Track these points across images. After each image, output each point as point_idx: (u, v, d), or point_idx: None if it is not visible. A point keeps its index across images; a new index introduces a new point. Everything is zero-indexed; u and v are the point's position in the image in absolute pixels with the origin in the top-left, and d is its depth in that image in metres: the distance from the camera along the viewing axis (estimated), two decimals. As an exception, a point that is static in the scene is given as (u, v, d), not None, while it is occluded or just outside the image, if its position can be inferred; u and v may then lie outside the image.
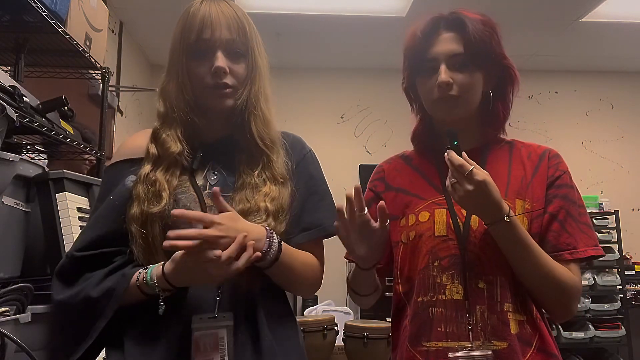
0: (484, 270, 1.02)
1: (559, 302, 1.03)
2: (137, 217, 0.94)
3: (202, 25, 0.97)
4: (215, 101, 0.99)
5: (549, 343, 1.02)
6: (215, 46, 0.97)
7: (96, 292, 0.91)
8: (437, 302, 1.03)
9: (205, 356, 0.88)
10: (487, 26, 1.07)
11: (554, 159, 1.10)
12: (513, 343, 0.98)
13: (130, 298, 0.91)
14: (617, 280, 3.99)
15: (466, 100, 1.08)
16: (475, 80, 1.07)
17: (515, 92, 1.13)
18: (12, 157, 1.22)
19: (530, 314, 1.02)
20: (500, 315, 1.00)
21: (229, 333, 0.90)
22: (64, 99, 1.65)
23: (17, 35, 1.80)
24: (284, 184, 1.01)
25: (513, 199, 1.05)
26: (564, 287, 1.00)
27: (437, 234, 1.06)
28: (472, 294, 1.01)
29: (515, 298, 1.02)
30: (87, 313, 0.91)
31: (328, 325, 2.87)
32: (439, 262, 1.05)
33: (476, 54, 1.06)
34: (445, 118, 1.11)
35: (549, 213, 1.05)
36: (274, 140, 1.03)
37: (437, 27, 1.09)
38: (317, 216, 1.04)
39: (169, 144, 0.98)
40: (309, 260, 1.02)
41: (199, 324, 0.90)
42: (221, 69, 0.96)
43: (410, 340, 1.06)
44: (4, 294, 1.10)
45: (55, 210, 1.31)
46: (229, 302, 0.92)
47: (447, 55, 1.06)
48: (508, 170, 1.09)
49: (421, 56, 1.09)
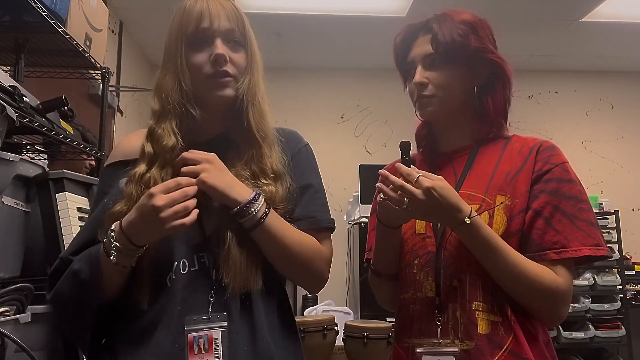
0: (457, 268, 1.01)
1: (543, 306, 0.98)
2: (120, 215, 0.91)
3: (200, 16, 0.96)
4: (215, 91, 0.97)
5: (522, 347, 0.96)
6: (214, 35, 0.96)
7: (77, 265, 0.92)
8: (417, 299, 1.05)
9: (199, 358, 0.88)
10: (464, 24, 1.07)
11: (545, 151, 1.05)
12: (480, 343, 0.97)
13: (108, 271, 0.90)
14: (617, 280, 3.99)
15: (443, 98, 1.08)
16: (451, 77, 1.08)
17: (508, 86, 1.11)
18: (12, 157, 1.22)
19: (505, 316, 0.98)
20: (469, 314, 0.99)
21: (224, 334, 0.89)
22: (64, 99, 1.65)
23: (17, 35, 1.80)
24: (275, 178, 0.98)
25: (494, 195, 1.03)
26: (545, 290, 0.95)
27: (417, 231, 1.08)
28: (445, 292, 1.01)
29: (490, 298, 0.99)
30: (76, 286, 0.91)
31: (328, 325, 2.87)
32: (418, 260, 1.06)
33: (446, 51, 1.06)
34: (427, 118, 1.14)
35: (533, 209, 1.00)
36: (267, 133, 1.01)
37: (416, 32, 1.13)
38: (310, 208, 1.02)
39: (163, 137, 0.96)
40: (311, 244, 0.99)
41: (192, 325, 0.89)
42: (221, 56, 0.95)
43: (395, 336, 1.11)
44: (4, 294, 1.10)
45: (55, 210, 1.31)
46: (224, 303, 0.91)
47: (422, 57, 1.09)
48: (495, 166, 1.08)
49: (403, 61, 1.15)
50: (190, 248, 0.94)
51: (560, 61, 4.89)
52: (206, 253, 0.94)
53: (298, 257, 0.97)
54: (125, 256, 0.88)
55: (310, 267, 0.99)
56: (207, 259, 0.94)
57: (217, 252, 0.93)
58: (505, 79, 1.11)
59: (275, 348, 0.93)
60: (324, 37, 4.34)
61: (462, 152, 1.13)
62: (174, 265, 0.92)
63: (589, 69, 5.07)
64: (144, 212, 0.85)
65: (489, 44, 1.10)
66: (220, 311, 0.91)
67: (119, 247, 0.87)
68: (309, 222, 1.01)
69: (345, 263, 4.38)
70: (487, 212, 1.02)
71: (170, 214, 0.84)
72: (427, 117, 1.13)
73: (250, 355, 0.91)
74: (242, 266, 0.92)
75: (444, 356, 0.98)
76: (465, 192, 1.06)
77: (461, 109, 1.11)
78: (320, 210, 1.04)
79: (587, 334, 3.82)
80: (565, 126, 4.99)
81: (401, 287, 1.10)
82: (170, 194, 0.85)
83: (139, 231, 0.86)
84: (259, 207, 0.92)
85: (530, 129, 4.84)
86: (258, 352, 0.91)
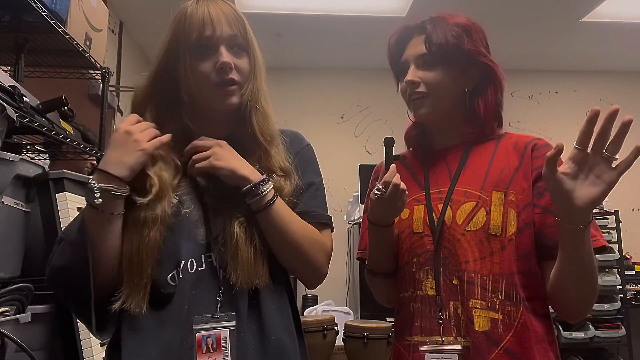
0: (456, 266, 1.02)
1: (586, 299, 0.97)
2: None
3: (202, 23, 0.95)
4: (221, 100, 0.97)
5: (522, 345, 0.97)
6: (218, 42, 0.96)
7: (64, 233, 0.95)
8: (417, 298, 1.06)
9: (207, 357, 0.88)
10: (458, 26, 1.09)
11: (542, 149, 1.06)
12: (477, 341, 0.98)
13: (95, 225, 0.89)
14: (617, 280, 3.98)
15: (435, 98, 1.09)
16: (443, 78, 1.09)
17: (500, 90, 1.12)
18: (12, 157, 1.22)
19: (507, 314, 0.99)
20: (467, 311, 1.00)
21: (232, 333, 0.90)
22: (64, 99, 1.65)
23: (17, 35, 1.80)
24: (284, 176, 1.00)
25: (490, 192, 1.05)
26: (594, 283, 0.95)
27: (415, 230, 1.09)
28: (445, 290, 1.02)
29: (489, 295, 0.99)
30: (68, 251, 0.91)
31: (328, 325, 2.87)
32: (417, 259, 1.07)
33: (439, 52, 1.07)
34: (421, 120, 1.15)
35: (542, 207, 1.02)
36: (273, 135, 1.02)
37: (411, 33, 1.14)
38: (311, 205, 1.04)
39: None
40: (314, 235, 1.00)
41: (200, 324, 0.90)
42: (227, 64, 0.95)
43: (396, 334, 1.11)
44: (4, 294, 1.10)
45: (55, 210, 1.31)
46: (232, 302, 0.92)
47: (415, 56, 1.11)
48: (489, 163, 1.09)
49: (397, 61, 1.16)
50: (197, 248, 0.94)
51: (560, 61, 4.89)
52: (213, 253, 0.94)
53: (301, 245, 0.97)
54: (109, 198, 0.87)
55: (312, 258, 0.99)
56: (215, 258, 0.94)
57: (224, 251, 0.93)
58: (497, 82, 1.12)
59: (283, 345, 0.93)
60: (324, 37, 4.35)
61: (454, 150, 1.14)
62: (181, 264, 0.92)
63: (589, 69, 5.07)
64: (118, 141, 0.89)
65: (482, 47, 1.11)
66: (228, 310, 0.91)
67: (102, 188, 0.86)
68: (310, 217, 1.02)
69: (345, 263, 4.38)
70: (484, 209, 1.03)
71: (144, 134, 0.90)
72: (421, 119, 1.14)
73: (259, 353, 0.91)
74: (250, 262, 0.92)
75: (447, 354, 0.99)
76: (461, 189, 1.07)
77: (453, 111, 1.13)
78: (320, 207, 1.05)
79: (587, 334, 3.82)
80: (565, 126, 4.97)
81: (401, 286, 1.11)
82: (136, 124, 0.92)
83: (118, 159, 0.88)
84: (269, 189, 0.94)
85: (530, 129, 4.84)
86: (266, 349, 0.92)
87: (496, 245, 1.01)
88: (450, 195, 1.07)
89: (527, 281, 1.02)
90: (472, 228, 1.03)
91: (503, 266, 1.00)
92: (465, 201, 1.05)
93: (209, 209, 0.96)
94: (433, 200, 1.09)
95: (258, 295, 0.94)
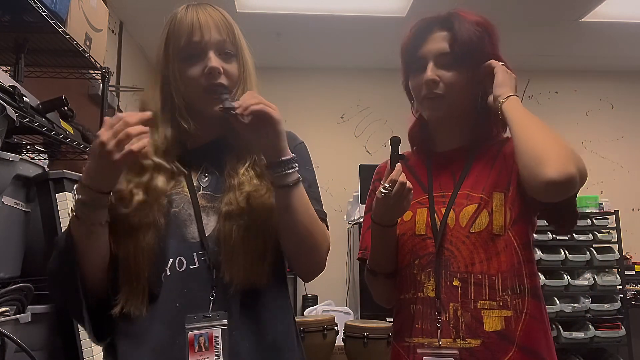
0: (459, 268, 1.02)
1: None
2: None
3: (191, 29, 0.96)
4: (211, 104, 0.97)
5: (534, 341, 0.99)
6: (206, 48, 0.97)
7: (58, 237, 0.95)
8: (417, 300, 1.06)
9: (199, 356, 0.88)
10: (480, 27, 1.07)
11: None
12: (488, 341, 0.98)
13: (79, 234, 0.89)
14: (617, 280, 3.98)
15: (452, 99, 1.08)
16: (463, 80, 1.07)
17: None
18: (12, 157, 1.22)
19: (517, 311, 1.00)
20: (474, 313, 1.00)
21: (224, 332, 0.90)
22: (64, 99, 1.65)
23: (17, 35, 1.80)
24: None
25: (490, 193, 1.05)
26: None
27: (417, 232, 1.09)
28: (445, 292, 1.02)
29: (501, 294, 1.00)
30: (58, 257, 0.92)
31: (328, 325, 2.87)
32: (418, 261, 1.07)
33: (463, 53, 1.05)
34: (434, 120, 1.13)
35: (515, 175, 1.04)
36: None
37: (431, 27, 1.10)
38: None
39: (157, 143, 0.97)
40: (322, 226, 1.00)
41: (192, 323, 0.90)
42: (215, 69, 0.95)
43: (395, 335, 1.11)
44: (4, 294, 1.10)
45: (55, 210, 1.31)
46: (225, 301, 0.92)
47: (436, 54, 1.08)
48: (491, 167, 1.09)
49: (413, 54, 1.11)
50: (188, 246, 0.94)
51: (560, 61, 4.89)
52: (207, 251, 0.94)
53: (314, 232, 0.97)
54: (89, 209, 0.86)
55: (319, 247, 0.99)
56: (208, 257, 0.94)
57: (218, 250, 0.93)
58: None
59: (278, 345, 0.94)
60: (324, 37, 4.34)
61: (458, 154, 1.14)
62: (169, 262, 0.92)
63: (589, 69, 5.07)
64: (94, 153, 0.85)
65: (498, 50, 1.10)
66: (221, 310, 0.91)
67: (81, 199, 0.86)
68: None
69: (345, 263, 4.38)
70: (486, 211, 1.03)
71: (115, 144, 0.83)
72: (433, 119, 1.12)
73: (252, 353, 0.91)
74: (247, 262, 0.92)
75: (445, 357, 0.99)
76: (463, 192, 1.07)
77: (463, 114, 1.12)
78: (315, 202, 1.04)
79: (587, 334, 3.82)
80: (565, 126, 4.98)
81: (401, 288, 1.11)
82: (113, 128, 0.84)
83: (95, 174, 0.86)
84: (294, 171, 0.92)
85: (530, 129, 4.83)
86: (260, 349, 0.92)
87: (501, 244, 1.02)
88: (453, 200, 1.07)
89: (531, 268, 1.04)
90: (477, 229, 1.03)
91: (511, 262, 1.01)
92: (468, 203, 1.05)
93: (200, 207, 0.95)
94: (436, 203, 1.09)
95: (254, 294, 0.94)
